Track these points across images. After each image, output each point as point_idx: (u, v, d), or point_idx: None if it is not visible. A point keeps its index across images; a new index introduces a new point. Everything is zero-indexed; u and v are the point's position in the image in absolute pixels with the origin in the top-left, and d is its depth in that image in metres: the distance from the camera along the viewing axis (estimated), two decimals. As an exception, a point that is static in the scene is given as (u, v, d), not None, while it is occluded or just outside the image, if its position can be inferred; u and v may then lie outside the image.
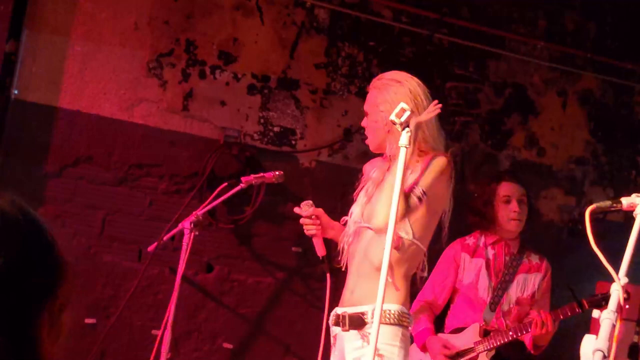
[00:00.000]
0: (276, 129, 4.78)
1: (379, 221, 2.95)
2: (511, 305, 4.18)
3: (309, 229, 3.27)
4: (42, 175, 4.40)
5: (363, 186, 3.21)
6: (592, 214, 2.17)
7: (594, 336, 1.85)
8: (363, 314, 2.97)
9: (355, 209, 3.15)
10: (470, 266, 4.23)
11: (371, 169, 3.26)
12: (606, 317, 1.85)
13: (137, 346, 4.42)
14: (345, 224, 3.20)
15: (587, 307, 3.82)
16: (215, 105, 4.68)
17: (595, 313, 1.92)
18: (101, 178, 4.50)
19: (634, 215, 2.18)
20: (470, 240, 4.32)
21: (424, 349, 4.14)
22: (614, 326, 1.84)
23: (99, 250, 4.46)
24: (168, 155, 4.60)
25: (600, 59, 5.20)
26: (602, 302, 3.78)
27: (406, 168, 2.68)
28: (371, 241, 3.03)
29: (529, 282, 4.26)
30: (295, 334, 4.75)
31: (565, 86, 5.26)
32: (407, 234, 2.99)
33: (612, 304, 1.88)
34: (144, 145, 4.57)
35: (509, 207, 4.22)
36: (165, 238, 4.16)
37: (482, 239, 4.30)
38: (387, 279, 2.58)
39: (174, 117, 4.62)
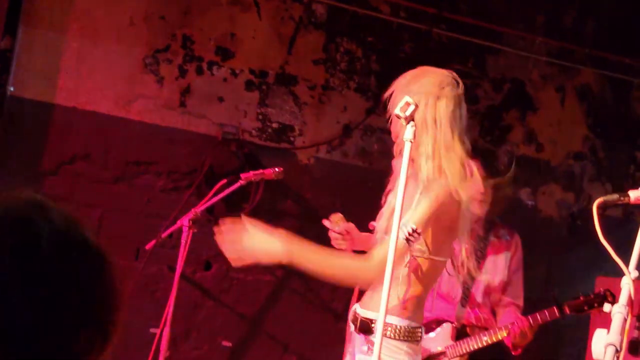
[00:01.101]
0: (274, 125, 4.76)
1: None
2: (481, 296, 3.95)
3: (339, 243, 3.19)
4: (39, 173, 4.37)
5: (391, 189, 3.05)
6: (599, 207, 2.14)
7: (605, 330, 1.83)
8: (371, 321, 2.91)
9: (382, 220, 3.01)
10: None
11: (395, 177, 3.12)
12: (618, 311, 1.83)
13: (136, 345, 4.37)
14: (374, 231, 3.11)
15: (568, 311, 3.65)
16: (213, 102, 4.65)
17: (607, 307, 1.90)
18: (98, 175, 4.47)
19: (642, 207, 2.15)
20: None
21: None
22: (625, 320, 1.81)
23: (96, 249, 4.41)
24: (165, 152, 4.57)
25: (598, 54, 5.19)
26: (584, 306, 3.65)
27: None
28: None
29: (499, 264, 4.00)
30: (294, 332, 4.73)
31: (563, 82, 5.25)
32: (422, 253, 2.83)
33: (623, 297, 1.86)
34: (141, 142, 4.53)
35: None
36: (163, 236, 4.13)
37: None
38: (392, 292, 2.52)
39: (171, 113, 4.59)
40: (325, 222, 3.25)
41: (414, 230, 2.69)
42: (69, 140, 4.43)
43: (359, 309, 3.01)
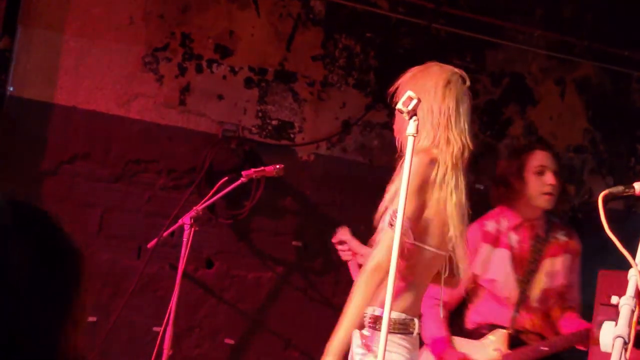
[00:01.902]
0: (274, 122, 4.75)
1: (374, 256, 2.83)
2: (538, 300, 3.70)
3: (343, 255, 3.33)
4: (39, 173, 4.36)
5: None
6: (604, 199, 2.14)
7: (613, 323, 1.83)
8: (364, 315, 2.91)
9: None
10: (493, 259, 3.70)
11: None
12: (625, 303, 1.83)
13: (139, 343, 4.38)
14: None
15: None
16: (213, 100, 4.64)
17: (614, 299, 1.89)
18: (98, 175, 4.46)
19: (643, 197, 2.15)
20: (490, 225, 3.76)
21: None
22: (633, 312, 1.81)
23: (98, 249, 4.41)
24: (166, 151, 4.56)
25: (597, 46, 5.18)
26: None
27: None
28: None
29: (557, 267, 3.74)
30: (296, 329, 4.73)
31: (563, 75, 5.24)
32: (410, 239, 2.80)
33: (631, 289, 1.86)
34: (141, 141, 4.53)
35: (542, 179, 3.65)
36: (164, 234, 4.13)
37: (504, 222, 3.75)
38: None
39: (170, 111, 4.58)
40: (333, 239, 3.37)
41: (393, 216, 2.63)
42: (68, 140, 4.42)
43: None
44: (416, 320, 2.86)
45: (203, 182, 4.50)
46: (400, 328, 2.83)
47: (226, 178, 4.01)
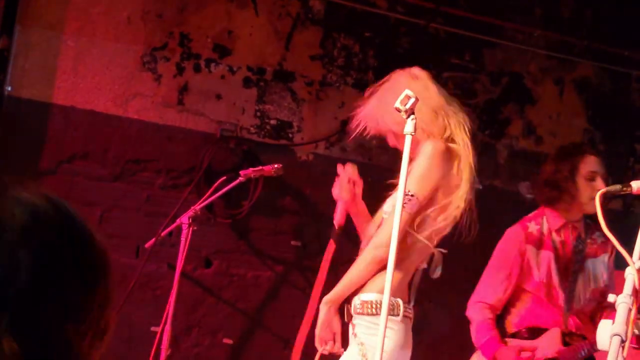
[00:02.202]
0: (273, 122, 4.75)
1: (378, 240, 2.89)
2: (584, 301, 3.66)
3: (343, 191, 3.15)
4: (38, 173, 4.35)
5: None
6: (602, 198, 2.14)
7: (610, 321, 1.83)
8: (352, 300, 2.95)
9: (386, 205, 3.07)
10: (538, 261, 3.66)
11: None
12: (622, 301, 1.82)
13: (137, 343, 4.38)
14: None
15: None
16: (211, 99, 4.64)
17: (611, 297, 1.89)
18: (97, 174, 4.46)
19: (644, 198, 2.15)
20: (533, 226, 3.73)
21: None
22: (630, 310, 1.81)
23: (96, 248, 4.40)
24: (164, 150, 4.56)
25: (596, 46, 5.18)
26: None
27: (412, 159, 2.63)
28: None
29: (598, 268, 3.72)
30: (295, 328, 4.67)
31: (562, 74, 5.24)
32: (409, 227, 2.88)
33: (628, 287, 1.86)
34: (139, 141, 4.53)
35: (593, 184, 3.62)
36: (163, 234, 4.13)
37: (546, 224, 3.72)
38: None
39: (169, 111, 4.58)
40: (340, 169, 3.20)
41: (407, 193, 2.70)
42: (67, 140, 4.42)
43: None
44: (401, 303, 2.88)
45: (202, 182, 4.49)
46: (392, 311, 2.86)
47: (224, 177, 4.01)
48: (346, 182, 3.16)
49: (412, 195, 2.80)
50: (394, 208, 2.62)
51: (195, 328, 4.57)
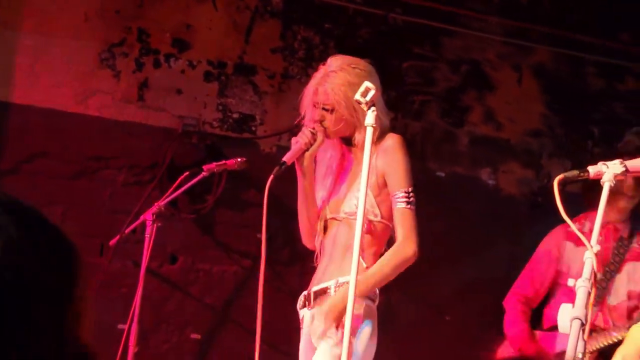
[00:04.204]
0: (235, 115, 4.74)
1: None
2: (619, 300, 3.73)
3: (302, 136, 3.13)
4: (-2, 173, 4.31)
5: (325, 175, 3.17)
6: (559, 184, 2.18)
7: (570, 305, 1.86)
8: (328, 288, 3.00)
9: (326, 203, 3.14)
10: (574, 256, 3.78)
11: (323, 157, 3.21)
12: (581, 285, 1.86)
13: (104, 342, 4.34)
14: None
15: None
16: (172, 94, 4.62)
17: (571, 282, 1.93)
18: (58, 173, 4.43)
19: (601, 183, 2.19)
20: (575, 225, 3.86)
21: (520, 352, 3.81)
22: (589, 294, 1.85)
23: (60, 247, 4.37)
24: (126, 147, 4.53)
25: (553, 31, 5.24)
26: None
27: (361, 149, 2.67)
28: (340, 228, 3.03)
29: (638, 271, 3.77)
30: (263, 320, 4.73)
31: (519, 60, 5.29)
32: (375, 216, 3.02)
33: (587, 271, 1.90)
34: (100, 138, 4.50)
35: (621, 181, 3.55)
36: (127, 231, 4.11)
37: (588, 223, 3.79)
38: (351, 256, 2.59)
39: (129, 107, 4.55)
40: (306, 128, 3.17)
41: (408, 192, 2.95)
42: (26, 139, 4.37)
43: (312, 288, 3.08)
44: (377, 289, 3.02)
45: (165, 178, 4.47)
46: (372, 295, 2.99)
47: (188, 173, 4.00)
48: (308, 131, 3.13)
49: (410, 191, 2.96)
50: (405, 203, 2.91)
51: (162, 324, 4.56)
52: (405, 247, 2.94)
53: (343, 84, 2.97)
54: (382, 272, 2.95)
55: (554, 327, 3.68)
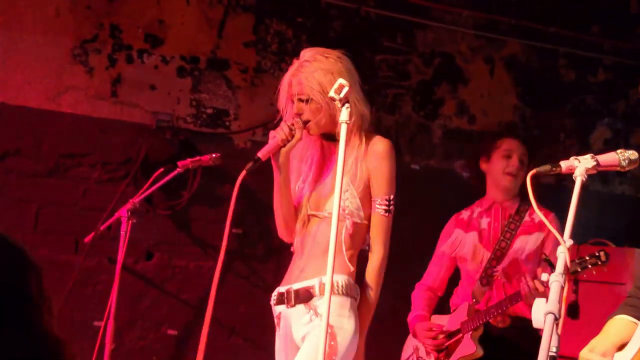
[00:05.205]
0: (209, 110, 4.73)
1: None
2: (506, 274, 3.86)
3: (280, 132, 3.02)
4: (-31, 172, 4.28)
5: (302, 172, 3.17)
6: (532, 178, 2.20)
7: (544, 299, 1.89)
8: (311, 287, 2.98)
9: (303, 198, 3.13)
10: (464, 241, 3.98)
11: (302, 152, 3.19)
12: (555, 280, 1.89)
13: (80, 339, 4.33)
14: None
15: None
16: (145, 90, 4.60)
17: (544, 276, 1.96)
18: (31, 170, 4.40)
19: (573, 177, 2.22)
20: (465, 213, 4.07)
21: (414, 334, 4.01)
22: (562, 288, 1.87)
23: (34, 245, 4.34)
24: (99, 143, 4.51)
25: (524, 24, 5.27)
26: (577, 267, 3.42)
27: (347, 146, 2.67)
28: (321, 226, 3.02)
29: (528, 243, 3.89)
30: (239, 316, 4.74)
31: (491, 53, 5.33)
32: (361, 219, 3.04)
33: (560, 266, 1.92)
34: (73, 135, 4.47)
35: (508, 161, 3.92)
36: (101, 228, 4.09)
37: (478, 209, 4.04)
38: (337, 255, 2.61)
39: (102, 103, 4.53)
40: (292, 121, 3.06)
41: (389, 200, 2.99)
42: (-1, 136, 4.34)
43: (284, 288, 3.07)
44: (358, 287, 3.05)
45: (139, 174, 4.46)
46: (353, 291, 3.00)
47: (162, 169, 3.98)
48: (286, 126, 3.03)
49: (391, 199, 3.01)
50: (383, 211, 2.96)
51: (139, 321, 4.55)
52: (379, 258, 3.03)
53: (315, 70, 2.95)
54: (376, 293, 3.06)
55: (455, 311, 3.95)
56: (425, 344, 3.92)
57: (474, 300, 3.89)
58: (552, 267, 3.36)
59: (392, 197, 3.01)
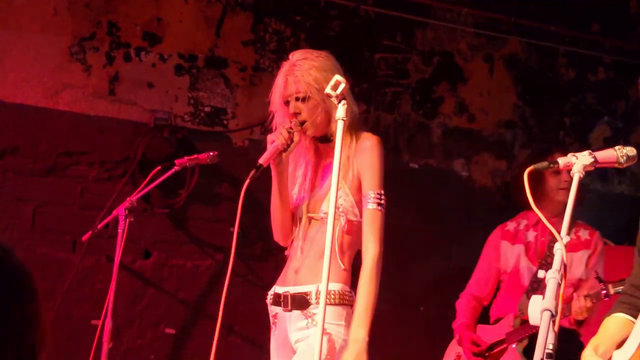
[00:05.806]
0: (207, 109, 4.72)
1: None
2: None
3: (279, 136, 2.97)
4: (-33, 170, 4.27)
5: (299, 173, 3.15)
6: (530, 175, 2.19)
7: (540, 296, 1.87)
8: (307, 294, 2.95)
9: (301, 202, 3.09)
10: (510, 254, 4.06)
11: (298, 155, 3.16)
12: (551, 277, 1.87)
13: (78, 338, 4.33)
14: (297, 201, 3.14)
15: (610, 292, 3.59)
16: (143, 88, 4.59)
17: (541, 273, 1.94)
18: (29, 169, 4.39)
19: (571, 174, 2.20)
20: (511, 225, 4.16)
21: (459, 342, 4.08)
22: (559, 285, 1.86)
23: (32, 244, 4.35)
24: (97, 142, 4.50)
25: (524, 22, 5.26)
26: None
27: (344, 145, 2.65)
28: (319, 228, 2.99)
29: (575, 262, 3.96)
30: (237, 315, 4.73)
31: (491, 51, 5.31)
32: (355, 216, 2.98)
33: (556, 263, 1.91)
34: (71, 133, 4.46)
35: (559, 177, 3.93)
36: (99, 226, 4.08)
37: (524, 221, 4.13)
38: (332, 261, 2.57)
39: (100, 102, 4.52)
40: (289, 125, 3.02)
41: (380, 194, 2.91)
42: (-4, 135, 4.33)
43: (280, 289, 3.04)
44: (352, 292, 2.97)
45: (136, 172, 4.45)
46: (344, 299, 2.94)
47: (160, 167, 3.97)
48: (285, 130, 2.99)
49: (382, 194, 2.93)
50: (376, 204, 2.89)
51: (136, 320, 4.54)
52: (375, 255, 2.92)
53: (311, 68, 2.95)
54: (374, 292, 2.94)
55: (497, 321, 4.02)
56: (468, 355, 4.02)
57: (520, 312, 3.92)
58: (603, 283, 3.58)
59: (382, 191, 2.94)
